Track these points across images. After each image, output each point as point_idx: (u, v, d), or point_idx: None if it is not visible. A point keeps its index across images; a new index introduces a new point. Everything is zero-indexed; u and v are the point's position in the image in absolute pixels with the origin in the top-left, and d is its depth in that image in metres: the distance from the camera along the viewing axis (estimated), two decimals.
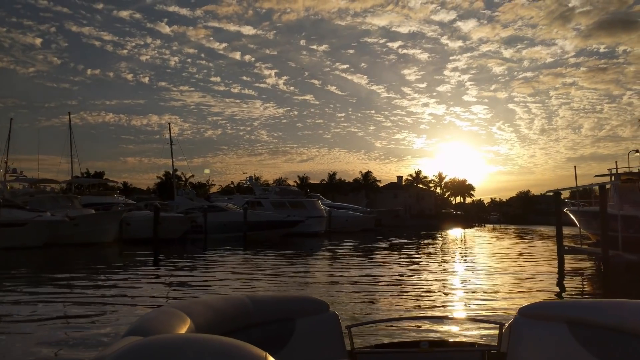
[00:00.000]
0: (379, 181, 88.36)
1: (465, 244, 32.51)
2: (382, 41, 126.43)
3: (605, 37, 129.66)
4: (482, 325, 6.52)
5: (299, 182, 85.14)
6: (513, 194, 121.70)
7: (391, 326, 6.92)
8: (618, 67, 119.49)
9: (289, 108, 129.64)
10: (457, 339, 5.79)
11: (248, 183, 55.61)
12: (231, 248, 26.53)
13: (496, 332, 2.56)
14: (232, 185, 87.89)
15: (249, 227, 35.00)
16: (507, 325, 2.54)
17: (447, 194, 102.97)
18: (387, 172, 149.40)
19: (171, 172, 78.71)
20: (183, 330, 1.62)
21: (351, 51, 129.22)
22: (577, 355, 2.26)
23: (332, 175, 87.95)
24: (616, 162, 21.64)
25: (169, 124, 51.30)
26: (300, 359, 2.36)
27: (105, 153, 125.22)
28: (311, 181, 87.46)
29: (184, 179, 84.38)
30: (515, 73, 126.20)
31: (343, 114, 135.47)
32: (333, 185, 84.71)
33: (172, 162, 50.14)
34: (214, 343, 1.07)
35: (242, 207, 37.69)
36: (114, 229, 26.96)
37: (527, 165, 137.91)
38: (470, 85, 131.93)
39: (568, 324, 2.33)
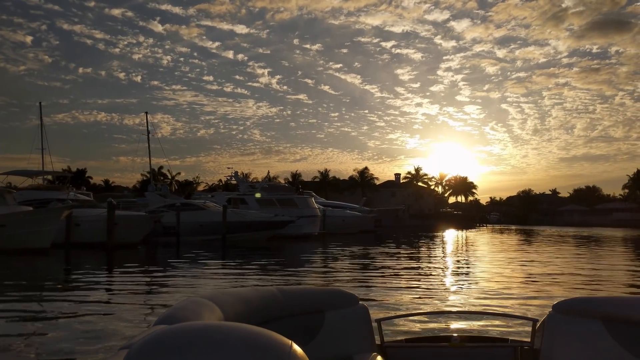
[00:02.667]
0: (377, 179, 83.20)
1: (507, 254, 27.07)
2: (375, 41, 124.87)
3: (598, 37, 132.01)
4: (515, 321, 6.34)
5: (290, 179, 79.37)
6: (506, 194, 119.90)
7: (422, 321, 6.76)
8: (611, 68, 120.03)
9: (282, 107, 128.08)
10: (489, 334, 5.56)
11: (233, 179, 49.68)
12: (204, 256, 21.05)
13: (529, 328, 2.48)
14: (219, 183, 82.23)
15: (229, 229, 29.83)
16: (541, 321, 2.43)
17: (449, 192, 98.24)
18: (380, 172, 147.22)
19: (161, 170, 74.14)
20: (211, 320, 1.60)
21: (344, 50, 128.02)
22: (613, 353, 2.19)
23: (325, 173, 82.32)
24: None
25: (146, 113, 44.73)
26: (330, 352, 2.32)
27: (97, 152, 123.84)
28: (303, 179, 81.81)
29: (169, 177, 79.09)
30: (509, 73, 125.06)
31: (336, 114, 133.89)
32: (327, 184, 79.02)
33: (149, 153, 43.58)
34: (240, 331, 1.05)
35: (222, 206, 32.36)
36: (52, 230, 21.14)
37: (519, 166, 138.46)
38: (464, 85, 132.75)
39: (604, 320, 2.25)
